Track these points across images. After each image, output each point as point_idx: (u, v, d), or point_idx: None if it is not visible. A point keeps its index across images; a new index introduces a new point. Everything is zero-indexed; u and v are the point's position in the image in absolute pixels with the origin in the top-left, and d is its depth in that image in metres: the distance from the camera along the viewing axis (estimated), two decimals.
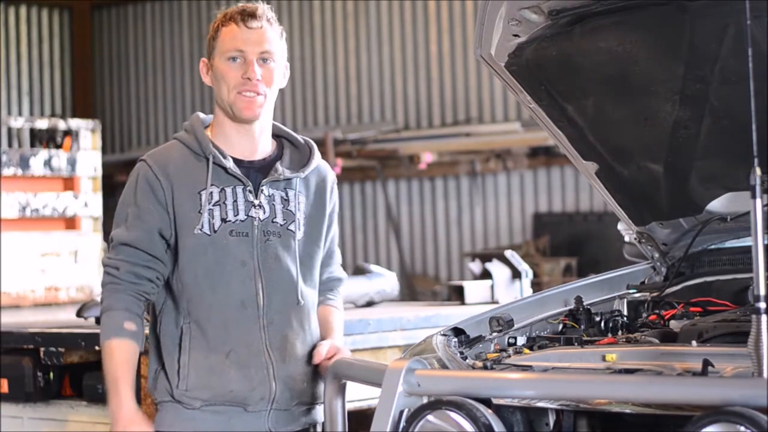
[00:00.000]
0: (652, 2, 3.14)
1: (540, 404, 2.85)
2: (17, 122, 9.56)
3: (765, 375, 2.51)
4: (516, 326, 3.43)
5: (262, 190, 3.44)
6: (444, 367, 3.12)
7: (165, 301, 3.44)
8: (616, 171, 3.63)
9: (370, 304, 6.68)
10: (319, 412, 3.49)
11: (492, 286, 6.65)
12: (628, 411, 2.70)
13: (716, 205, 3.57)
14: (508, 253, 6.82)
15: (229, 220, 3.40)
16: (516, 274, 6.73)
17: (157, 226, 3.39)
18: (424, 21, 12.27)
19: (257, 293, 3.39)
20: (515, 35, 3.36)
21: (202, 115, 3.57)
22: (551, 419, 2.89)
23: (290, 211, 3.46)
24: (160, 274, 3.40)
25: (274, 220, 3.43)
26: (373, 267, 7.01)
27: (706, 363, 2.68)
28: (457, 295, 6.68)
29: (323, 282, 3.61)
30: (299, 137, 3.61)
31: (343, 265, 3.79)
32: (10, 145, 12.86)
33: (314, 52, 13.02)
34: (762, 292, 2.54)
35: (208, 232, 3.38)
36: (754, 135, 2.63)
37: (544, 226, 11.45)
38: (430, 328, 5.31)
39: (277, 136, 3.59)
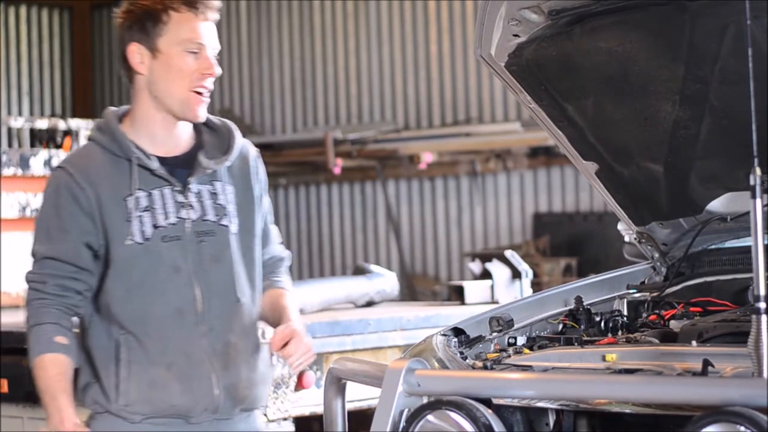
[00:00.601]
0: (652, 2, 3.14)
1: (540, 404, 2.85)
2: (17, 122, 9.56)
3: (765, 375, 2.51)
4: (516, 326, 3.42)
5: (190, 188, 3.23)
6: (444, 367, 3.12)
7: (93, 312, 3.24)
8: (616, 171, 3.63)
9: (370, 304, 6.68)
10: (258, 418, 3.38)
11: (492, 286, 6.65)
12: (628, 411, 2.70)
13: (716, 205, 3.57)
14: (508, 253, 6.82)
15: (161, 226, 3.19)
16: (516, 274, 6.73)
17: (82, 236, 3.18)
18: (424, 21, 12.26)
19: (194, 299, 3.20)
20: (515, 35, 3.36)
21: (113, 109, 3.30)
22: (551, 419, 2.89)
23: (220, 205, 3.26)
24: (89, 286, 3.21)
25: (206, 218, 3.23)
26: (373, 267, 7.01)
27: (706, 363, 2.68)
28: (457, 295, 6.68)
29: (265, 264, 3.39)
30: (215, 119, 3.36)
31: (343, 266, 3.76)
32: (10, 145, 12.86)
33: (314, 52, 13.01)
34: (762, 292, 2.54)
35: (140, 241, 3.18)
36: (754, 135, 2.63)
37: (544, 226, 11.44)
38: (430, 328, 5.31)
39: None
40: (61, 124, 9.05)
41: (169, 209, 3.21)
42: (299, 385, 5.61)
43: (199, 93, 3.18)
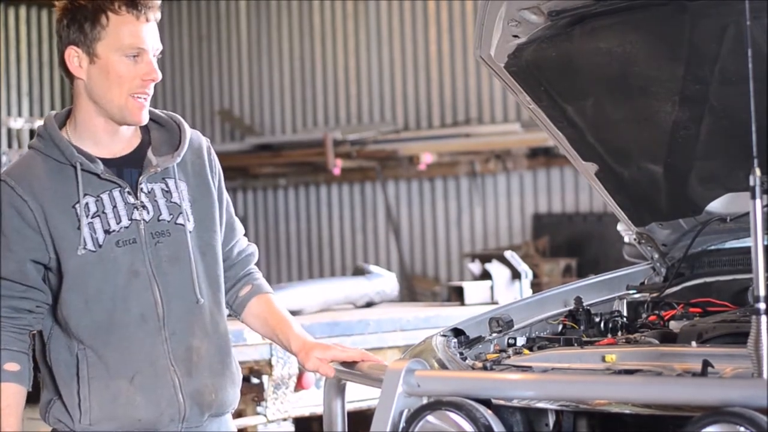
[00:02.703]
0: (652, 2, 3.14)
1: (540, 405, 2.85)
2: (17, 123, 9.57)
3: (765, 375, 2.51)
4: (516, 327, 3.42)
5: (141, 188, 3.09)
6: (444, 367, 3.12)
7: (53, 327, 3.11)
8: (615, 172, 3.63)
9: (369, 304, 6.69)
10: (229, 422, 3.27)
11: (492, 287, 6.66)
12: (627, 411, 2.70)
13: (716, 205, 3.57)
14: (508, 254, 6.83)
15: (113, 230, 3.06)
16: (516, 275, 6.74)
17: (29, 253, 3.03)
18: (424, 21, 12.26)
19: (155, 303, 3.07)
20: (515, 36, 3.36)
21: (54, 113, 3.18)
22: (551, 420, 2.89)
23: (175, 203, 3.12)
24: (41, 302, 3.08)
25: (161, 217, 3.10)
26: (372, 267, 7.02)
27: (706, 364, 2.68)
28: (456, 295, 6.69)
29: (235, 261, 3.28)
30: (161, 113, 3.22)
31: (343, 266, 3.73)
32: (10, 145, 12.86)
33: (314, 52, 13.01)
34: (762, 292, 2.54)
35: (93, 249, 3.04)
36: (754, 135, 2.63)
37: (544, 227, 11.45)
38: (430, 328, 5.31)
39: None
40: None
41: (120, 212, 3.08)
42: (299, 386, 5.62)
43: (140, 98, 3.05)
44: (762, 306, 2.53)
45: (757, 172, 2.62)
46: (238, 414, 5.38)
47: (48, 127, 3.12)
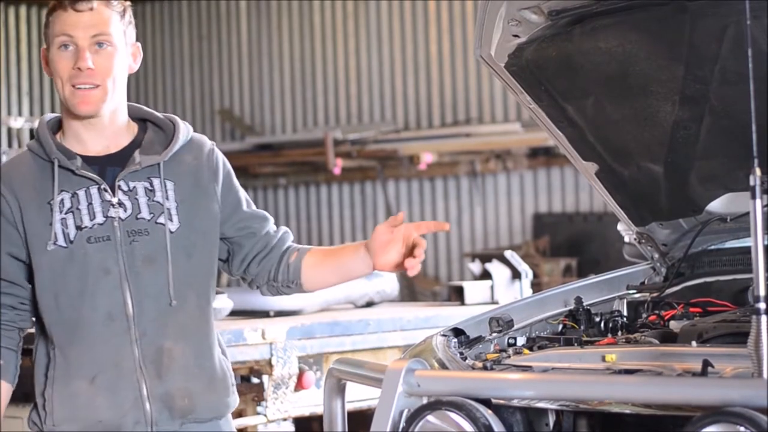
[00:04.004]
0: (652, 2, 3.14)
1: (540, 405, 2.84)
2: (17, 122, 9.57)
3: (765, 375, 2.51)
4: (516, 327, 3.42)
5: (119, 186, 3.06)
6: (444, 367, 3.11)
7: (38, 329, 3.11)
8: (616, 171, 3.63)
9: (369, 304, 6.68)
10: (224, 425, 3.17)
11: (492, 287, 6.65)
12: (628, 411, 2.70)
13: (716, 205, 3.57)
14: (508, 254, 6.83)
15: (85, 227, 3.02)
16: (516, 275, 6.74)
17: (8, 248, 3.05)
18: (424, 21, 12.26)
19: (125, 302, 3.02)
20: (515, 35, 3.36)
21: (51, 115, 3.21)
22: (551, 419, 2.89)
23: (157, 202, 3.07)
24: (24, 299, 3.09)
25: (139, 216, 3.06)
26: None
27: (706, 363, 2.68)
28: (456, 295, 6.68)
29: (274, 242, 3.21)
30: (160, 115, 3.21)
31: None
32: (10, 145, 12.86)
33: (314, 52, 13.01)
34: (762, 292, 2.54)
35: (64, 244, 3.01)
36: (754, 135, 2.63)
37: (544, 227, 11.44)
38: (430, 328, 5.31)
39: (142, 119, 3.20)
40: None
41: (95, 209, 3.04)
42: (299, 385, 5.61)
43: (80, 88, 3.05)
44: (762, 306, 2.53)
45: (757, 171, 2.62)
46: (238, 414, 5.38)
47: (39, 125, 3.15)
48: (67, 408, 3.03)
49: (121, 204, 3.06)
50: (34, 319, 3.16)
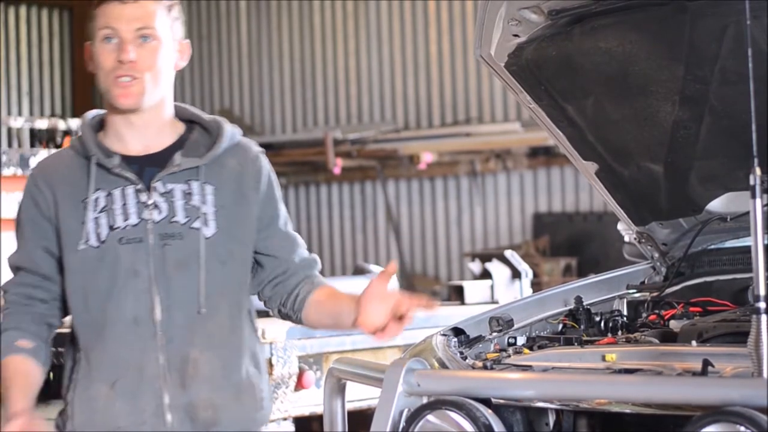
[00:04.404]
0: (652, 2, 3.14)
1: (540, 404, 2.85)
2: (17, 122, 9.57)
3: (765, 375, 2.51)
4: (516, 326, 3.42)
5: (155, 188, 2.94)
6: (444, 367, 3.12)
7: (70, 330, 3.03)
8: (616, 171, 3.63)
9: None
10: None
11: (492, 286, 6.65)
12: (628, 411, 2.70)
13: (716, 205, 3.57)
14: (508, 253, 6.83)
15: (118, 227, 2.92)
16: (516, 274, 6.74)
17: (42, 243, 2.97)
18: (424, 21, 12.26)
19: (153, 307, 2.90)
20: (515, 35, 3.36)
21: (94, 112, 3.09)
22: (551, 419, 2.89)
23: (194, 206, 2.95)
24: (54, 295, 3.00)
25: (174, 219, 2.94)
26: (373, 267, 7.01)
27: (706, 363, 2.68)
28: (456, 295, 6.68)
29: (297, 268, 3.08)
30: (207, 117, 3.10)
31: (343, 266, 3.69)
32: (10, 145, 12.85)
33: (314, 52, 13.01)
34: (762, 292, 2.54)
35: (95, 244, 2.92)
36: (754, 135, 2.63)
37: (544, 226, 11.44)
38: (430, 328, 5.29)
39: (189, 120, 3.08)
40: (61, 124, 9.05)
41: (130, 210, 2.94)
42: (299, 385, 5.61)
43: (121, 80, 2.92)
44: (762, 305, 2.53)
45: (757, 171, 2.62)
46: None
47: (82, 122, 3.07)
48: (85, 412, 2.95)
49: (156, 206, 2.95)
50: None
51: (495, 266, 6.73)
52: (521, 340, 3.37)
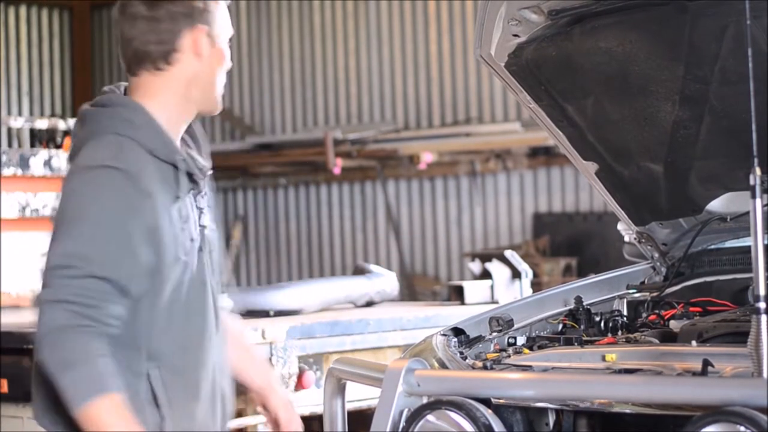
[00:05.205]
0: (652, 2, 3.14)
1: (540, 404, 2.85)
2: (17, 122, 9.57)
3: (765, 375, 2.51)
4: (516, 326, 3.43)
5: (204, 191, 2.83)
6: (444, 367, 3.12)
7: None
8: (616, 171, 3.63)
9: (369, 304, 6.68)
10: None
11: (492, 286, 6.65)
12: (628, 411, 2.70)
13: (716, 205, 3.58)
14: (508, 253, 6.82)
15: (194, 237, 2.76)
16: (516, 274, 6.73)
17: (143, 256, 2.65)
18: (424, 21, 12.26)
19: (217, 315, 2.84)
20: (515, 35, 3.37)
21: (143, 106, 2.74)
22: (551, 419, 2.89)
23: (211, 208, 2.87)
24: (126, 311, 2.67)
25: (210, 223, 2.85)
26: (372, 267, 7.01)
27: (706, 363, 2.68)
28: (456, 295, 6.68)
29: None
30: None
31: (343, 266, 3.69)
32: (10, 145, 12.86)
33: (314, 52, 13.01)
34: (762, 292, 2.54)
35: (184, 257, 2.72)
36: (754, 135, 2.63)
37: (544, 226, 11.44)
38: (430, 328, 5.31)
39: None
40: (61, 124, 9.04)
41: (195, 217, 2.78)
42: (299, 385, 5.61)
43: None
44: (762, 305, 2.53)
45: (757, 171, 2.62)
46: (238, 414, 5.38)
47: (145, 118, 2.71)
48: (184, 424, 2.76)
49: (202, 210, 2.82)
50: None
51: (495, 266, 6.73)
52: (521, 340, 3.37)
